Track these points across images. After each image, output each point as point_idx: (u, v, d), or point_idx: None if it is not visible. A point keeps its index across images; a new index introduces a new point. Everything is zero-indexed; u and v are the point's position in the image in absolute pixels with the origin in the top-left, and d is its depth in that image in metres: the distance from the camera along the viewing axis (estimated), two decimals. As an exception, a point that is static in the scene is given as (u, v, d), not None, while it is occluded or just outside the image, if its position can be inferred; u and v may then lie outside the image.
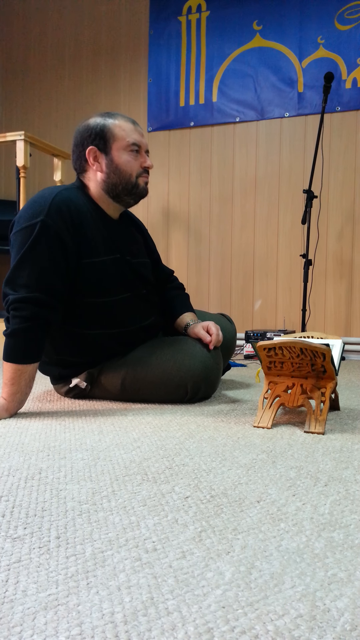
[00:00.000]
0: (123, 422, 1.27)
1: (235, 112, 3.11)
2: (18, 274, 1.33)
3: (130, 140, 1.46)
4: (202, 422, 1.27)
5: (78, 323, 1.47)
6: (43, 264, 1.33)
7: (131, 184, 1.48)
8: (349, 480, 0.86)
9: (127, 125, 1.47)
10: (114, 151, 1.45)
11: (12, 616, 0.48)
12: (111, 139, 1.45)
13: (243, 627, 0.46)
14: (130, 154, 1.46)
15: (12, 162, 3.63)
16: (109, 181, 1.47)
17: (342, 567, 0.57)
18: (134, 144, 1.46)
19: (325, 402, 1.20)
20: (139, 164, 1.48)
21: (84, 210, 1.44)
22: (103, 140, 1.45)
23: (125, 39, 3.40)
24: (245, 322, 3.16)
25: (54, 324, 1.37)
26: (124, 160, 1.46)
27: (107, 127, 1.45)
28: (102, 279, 1.45)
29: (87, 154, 1.47)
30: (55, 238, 1.34)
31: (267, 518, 0.70)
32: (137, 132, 1.49)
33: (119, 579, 0.55)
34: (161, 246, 3.32)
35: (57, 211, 1.36)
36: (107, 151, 1.46)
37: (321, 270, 2.98)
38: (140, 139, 1.49)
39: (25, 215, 1.37)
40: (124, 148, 1.45)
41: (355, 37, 2.83)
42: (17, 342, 1.30)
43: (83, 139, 1.47)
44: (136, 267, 1.55)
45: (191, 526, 0.67)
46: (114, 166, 1.46)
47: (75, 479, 0.85)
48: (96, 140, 1.46)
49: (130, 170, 1.47)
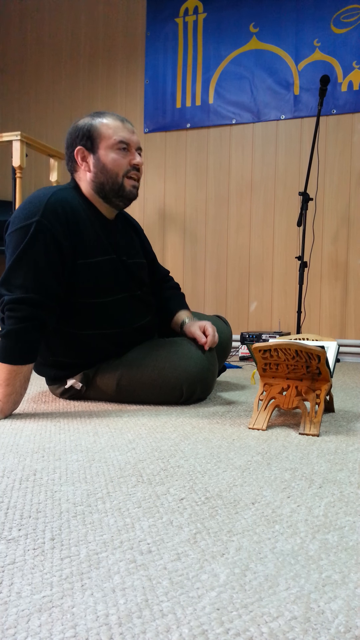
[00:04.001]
0: (118, 423, 1.27)
1: (232, 114, 3.12)
2: (13, 274, 1.33)
3: (117, 138, 1.44)
4: (197, 424, 1.27)
5: (73, 324, 1.47)
6: (38, 264, 1.33)
7: (117, 184, 1.46)
8: (343, 482, 0.86)
9: (115, 123, 1.46)
10: (101, 150, 1.45)
11: (6, 618, 0.48)
12: (98, 138, 1.45)
13: (237, 629, 0.46)
14: (118, 152, 1.45)
15: (8, 163, 3.62)
16: (97, 181, 1.46)
17: (336, 569, 0.58)
18: (121, 141, 1.44)
19: (320, 404, 1.20)
20: (127, 162, 1.46)
21: (79, 211, 1.43)
22: (90, 139, 1.45)
23: (122, 40, 3.40)
24: (241, 323, 3.17)
25: (49, 325, 1.37)
26: (111, 159, 1.44)
27: (94, 126, 1.45)
28: (98, 280, 1.45)
29: (76, 154, 1.47)
30: (50, 238, 1.34)
31: (261, 520, 0.70)
32: (126, 129, 1.47)
33: (114, 580, 0.55)
34: (157, 248, 3.32)
35: (52, 211, 1.36)
36: (94, 150, 1.45)
37: (316, 272, 2.99)
38: (129, 136, 1.46)
39: (21, 216, 1.36)
40: (110, 147, 1.44)
41: (351, 41, 2.85)
42: (12, 342, 1.30)
43: (72, 140, 1.48)
44: (131, 268, 1.55)
45: (186, 528, 0.67)
46: (101, 165, 1.45)
47: (70, 481, 0.85)
48: (83, 140, 1.46)
49: (117, 169, 1.45)
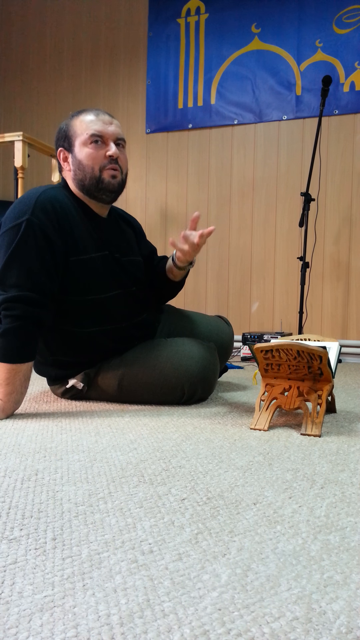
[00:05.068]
0: (120, 423, 1.27)
1: (234, 114, 3.12)
2: (7, 273, 1.33)
3: (89, 132, 1.42)
4: (199, 424, 1.27)
5: (70, 321, 1.47)
6: (31, 262, 1.33)
7: (95, 178, 1.44)
8: (345, 482, 0.86)
9: (88, 117, 1.44)
10: (76, 147, 1.45)
11: (8, 618, 0.48)
12: (73, 137, 1.45)
13: (239, 630, 0.46)
14: (92, 146, 1.43)
15: (10, 163, 3.63)
16: (77, 178, 1.46)
17: (338, 569, 0.57)
18: (94, 134, 1.42)
19: (321, 405, 1.20)
20: (102, 155, 1.43)
21: (70, 208, 1.44)
22: (67, 139, 1.46)
23: (124, 40, 3.40)
24: (243, 324, 3.16)
25: (46, 322, 1.37)
26: (85, 154, 1.43)
27: (69, 125, 1.46)
28: (91, 276, 1.45)
29: (58, 155, 1.50)
30: (41, 236, 1.35)
31: (263, 520, 0.70)
32: (100, 121, 1.43)
33: (115, 580, 0.54)
34: (159, 248, 3.32)
35: (42, 209, 1.36)
36: (71, 149, 1.46)
37: (318, 272, 2.98)
38: (102, 128, 1.43)
39: (11, 216, 1.37)
40: (84, 142, 1.43)
41: (353, 41, 2.84)
42: (9, 341, 1.30)
43: (56, 142, 1.51)
44: (125, 265, 1.55)
45: (187, 528, 0.67)
46: (77, 162, 1.45)
47: (72, 481, 0.85)
48: (62, 141, 1.48)
49: (91, 163, 1.43)
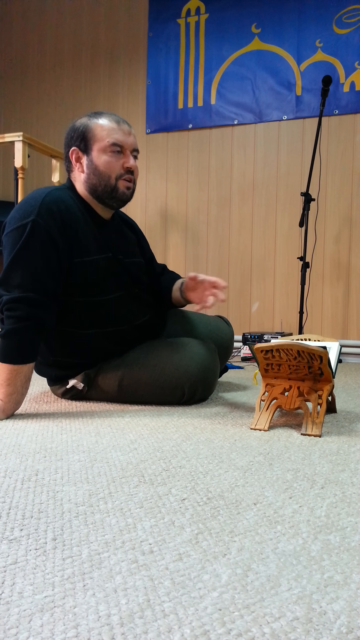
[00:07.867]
0: (120, 423, 1.27)
1: (234, 114, 3.12)
2: (11, 274, 1.33)
3: (110, 140, 1.42)
4: (199, 424, 1.27)
5: (72, 323, 1.47)
6: (35, 263, 1.33)
7: (110, 186, 1.45)
8: (345, 482, 0.86)
9: (110, 124, 1.44)
10: (94, 152, 1.44)
11: (8, 618, 0.48)
12: (92, 140, 1.44)
13: (239, 630, 0.46)
14: (111, 154, 1.43)
15: (11, 163, 3.63)
16: (90, 182, 1.46)
17: (338, 569, 0.57)
18: (115, 144, 1.42)
19: (322, 405, 1.20)
20: (120, 165, 1.44)
21: (75, 210, 1.43)
22: (84, 140, 1.45)
23: (124, 40, 3.40)
24: (243, 324, 3.16)
25: (48, 324, 1.37)
26: (103, 161, 1.43)
27: (88, 127, 1.44)
28: (95, 278, 1.45)
29: (70, 154, 1.48)
30: (46, 237, 1.35)
31: (263, 520, 0.70)
32: (121, 131, 1.44)
33: (116, 581, 0.54)
34: (159, 248, 3.33)
35: (47, 211, 1.36)
36: (88, 152, 1.45)
37: (318, 272, 2.98)
38: (123, 138, 1.44)
39: (17, 216, 1.37)
40: (103, 149, 1.43)
41: (353, 41, 2.84)
42: (11, 342, 1.30)
43: (69, 140, 1.48)
44: (128, 267, 1.55)
45: (188, 528, 0.67)
46: (93, 167, 1.44)
47: (72, 481, 0.85)
48: (78, 141, 1.45)
49: (109, 172, 1.44)
